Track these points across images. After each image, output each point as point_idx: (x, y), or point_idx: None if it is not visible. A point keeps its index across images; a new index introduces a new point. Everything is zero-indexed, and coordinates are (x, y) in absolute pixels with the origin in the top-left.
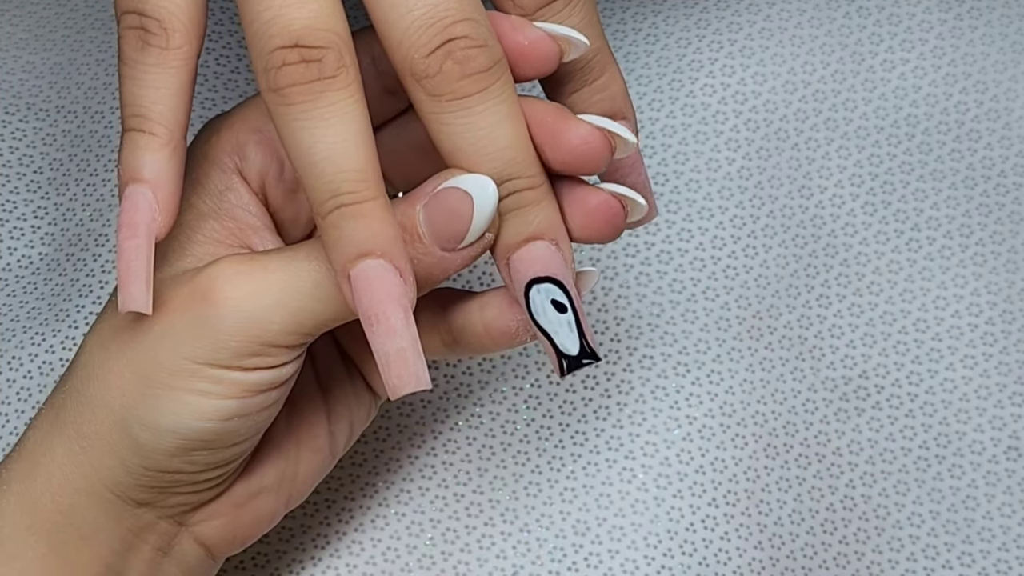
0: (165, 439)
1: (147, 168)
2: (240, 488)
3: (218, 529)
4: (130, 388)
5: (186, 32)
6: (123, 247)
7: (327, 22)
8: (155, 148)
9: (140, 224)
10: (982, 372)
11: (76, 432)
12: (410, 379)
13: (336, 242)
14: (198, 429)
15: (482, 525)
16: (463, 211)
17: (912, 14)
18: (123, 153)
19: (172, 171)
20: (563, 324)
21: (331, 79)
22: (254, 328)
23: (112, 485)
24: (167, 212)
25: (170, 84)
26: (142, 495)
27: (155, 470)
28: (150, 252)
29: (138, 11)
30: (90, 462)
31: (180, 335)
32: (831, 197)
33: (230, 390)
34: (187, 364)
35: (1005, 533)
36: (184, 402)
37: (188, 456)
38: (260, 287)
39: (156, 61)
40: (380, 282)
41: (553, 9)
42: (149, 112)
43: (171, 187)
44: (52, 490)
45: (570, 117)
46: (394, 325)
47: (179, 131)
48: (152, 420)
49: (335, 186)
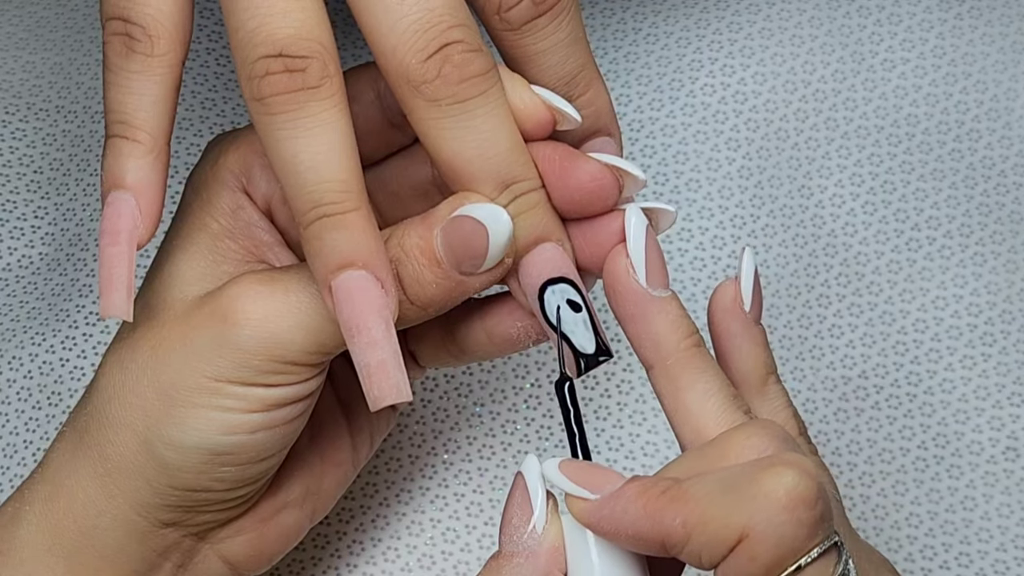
0: (191, 456)
1: (130, 175)
2: (266, 504)
3: (243, 545)
4: (153, 408)
5: (171, 39)
6: (104, 254)
7: (312, 32)
8: (138, 155)
9: (122, 231)
10: (981, 372)
11: (100, 454)
12: (391, 391)
13: (318, 252)
14: (224, 443)
15: (482, 525)
16: (479, 241)
17: (912, 14)
18: (106, 159)
19: (155, 178)
20: (579, 323)
21: (315, 89)
22: (275, 348)
23: (138, 506)
24: (149, 219)
25: (154, 91)
26: (169, 515)
27: (182, 489)
28: (131, 259)
29: (123, 17)
30: (115, 484)
31: (201, 354)
32: (831, 197)
33: (254, 405)
34: (209, 382)
35: (1003, 534)
36: (208, 418)
37: (215, 473)
38: (281, 307)
39: (140, 68)
40: (361, 293)
41: (539, 24)
42: (133, 119)
43: (154, 194)
44: (74, 512)
45: (579, 155)
46: (375, 336)
47: (163, 138)
48: (177, 438)
49: (317, 196)
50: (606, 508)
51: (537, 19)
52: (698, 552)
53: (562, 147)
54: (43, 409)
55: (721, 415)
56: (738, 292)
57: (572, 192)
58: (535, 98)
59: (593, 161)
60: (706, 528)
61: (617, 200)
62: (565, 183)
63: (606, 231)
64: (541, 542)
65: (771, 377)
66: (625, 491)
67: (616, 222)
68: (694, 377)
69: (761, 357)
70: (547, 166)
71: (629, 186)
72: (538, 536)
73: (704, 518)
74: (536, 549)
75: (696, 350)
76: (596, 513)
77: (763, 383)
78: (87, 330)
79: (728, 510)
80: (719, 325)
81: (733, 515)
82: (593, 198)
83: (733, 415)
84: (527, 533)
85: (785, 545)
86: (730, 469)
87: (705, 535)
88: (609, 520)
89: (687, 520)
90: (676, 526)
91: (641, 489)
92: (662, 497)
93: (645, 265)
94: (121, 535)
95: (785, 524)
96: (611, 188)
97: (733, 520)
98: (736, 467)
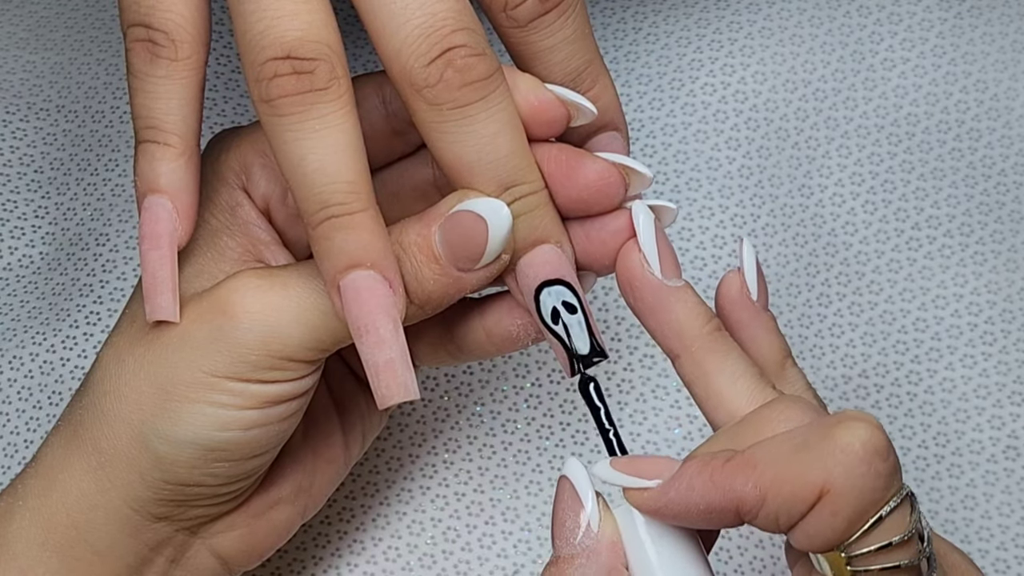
0: (185, 451)
1: (164, 178)
2: (258, 500)
3: (235, 540)
4: (148, 401)
5: (193, 42)
6: (147, 258)
7: (319, 34)
8: (171, 158)
9: (162, 235)
10: (981, 371)
11: (94, 447)
12: (399, 389)
13: (326, 253)
14: (219, 440)
15: (483, 524)
16: (478, 234)
17: (913, 13)
18: (139, 165)
19: (189, 180)
20: (574, 324)
21: (322, 91)
22: (273, 343)
23: (131, 500)
24: (187, 220)
25: (181, 94)
26: (161, 509)
27: (175, 483)
28: (174, 261)
29: (145, 24)
30: (108, 477)
31: (199, 348)
32: (831, 196)
33: (249, 401)
34: (206, 377)
35: (1003, 532)
36: (204, 413)
37: (209, 468)
38: (280, 302)
39: (166, 73)
40: (369, 293)
41: (546, 21)
42: (163, 123)
43: (189, 196)
44: (68, 506)
45: (585, 154)
46: (383, 336)
47: (193, 140)
48: (172, 432)
49: (325, 197)
50: (671, 491)
51: (544, 16)
52: (774, 514)
53: (568, 147)
54: (44, 408)
55: (752, 394)
56: (743, 282)
57: (580, 191)
58: (549, 95)
59: (599, 159)
60: (782, 488)
61: (623, 198)
62: (573, 182)
63: (609, 229)
64: (599, 539)
65: (788, 361)
66: (686, 470)
67: (619, 220)
68: (721, 360)
69: (775, 343)
70: (554, 166)
71: (635, 183)
72: (595, 534)
73: (779, 479)
74: (595, 547)
75: (719, 334)
76: (662, 498)
77: (781, 368)
78: (88, 329)
79: (804, 467)
80: (729, 316)
81: (810, 472)
82: (600, 196)
83: (764, 392)
84: (582, 533)
85: (866, 497)
86: (793, 431)
87: (782, 495)
88: (677, 501)
89: (760, 483)
90: (749, 491)
91: (702, 463)
92: (728, 466)
93: (659, 257)
94: (114, 529)
95: (864, 476)
96: (617, 186)
97: (810, 477)
98: (800, 428)
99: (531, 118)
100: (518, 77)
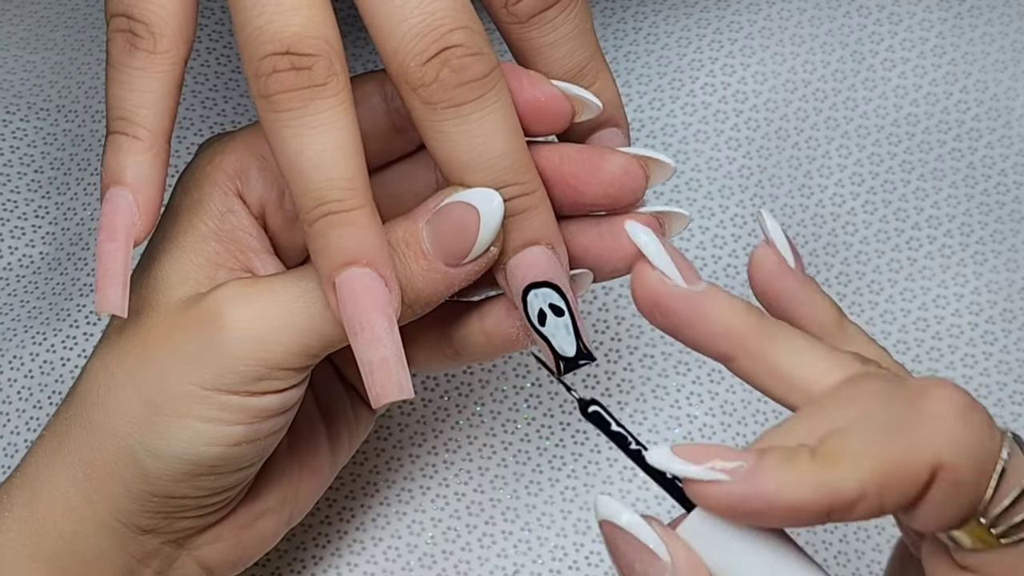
0: (172, 466)
1: (129, 171)
2: (244, 511)
3: (222, 551)
4: (136, 414)
5: (174, 37)
6: (101, 250)
7: (318, 30)
8: (138, 152)
9: (120, 227)
10: (982, 371)
11: (80, 459)
12: (393, 388)
13: (322, 249)
14: (206, 455)
15: (483, 524)
16: (469, 224)
17: (913, 13)
18: (106, 156)
19: (154, 175)
20: (560, 327)
21: (321, 87)
22: (262, 351)
23: (117, 512)
24: (147, 216)
25: (156, 88)
26: (147, 521)
27: (161, 496)
28: (128, 255)
29: (127, 14)
30: (95, 489)
31: (188, 359)
32: (831, 196)
33: (237, 416)
34: (195, 390)
35: None
36: (194, 429)
37: (194, 482)
38: (267, 309)
39: (142, 65)
40: (365, 290)
41: (547, 17)
42: (133, 116)
43: (152, 191)
44: (55, 517)
45: (605, 151)
46: (378, 334)
47: (163, 135)
48: (160, 447)
49: (322, 194)
50: (750, 487)
51: (545, 11)
52: (879, 504)
53: (585, 147)
54: (44, 408)
55: (823, 364)
56: (777, 252)
57: (605, 187)
58: (553, 90)
59: (620, 154)
60: (888, 478)
61: (645, 190)
62: (598, 179)
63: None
64: (675, 563)
65: (843, 319)
66: (765, 465)
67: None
68: (781, 344)
69: (826, 304)
70: (576, 166)
71: (657, 174)
72: (667, 563)
73: (880, 468)
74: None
75: (765, 319)
76: (739, 494)
77: (840, 327)
78: (88, 329)
79: (906, 453)
80: (769, 292)
81: (914, 452)
82: (625, 191)
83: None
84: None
85: (981, 454)
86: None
87: (889, 484)
88: (756, 499)
89: (859, 477)
90: (848, 486)
91: (784, 457)
92: (816, 461)
93: (676, 266)
94: (102, 541)
95: (970, 435)
96: (641, 179)
97: (916, 457)
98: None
99: (535, 113)
100: (522, 73)
